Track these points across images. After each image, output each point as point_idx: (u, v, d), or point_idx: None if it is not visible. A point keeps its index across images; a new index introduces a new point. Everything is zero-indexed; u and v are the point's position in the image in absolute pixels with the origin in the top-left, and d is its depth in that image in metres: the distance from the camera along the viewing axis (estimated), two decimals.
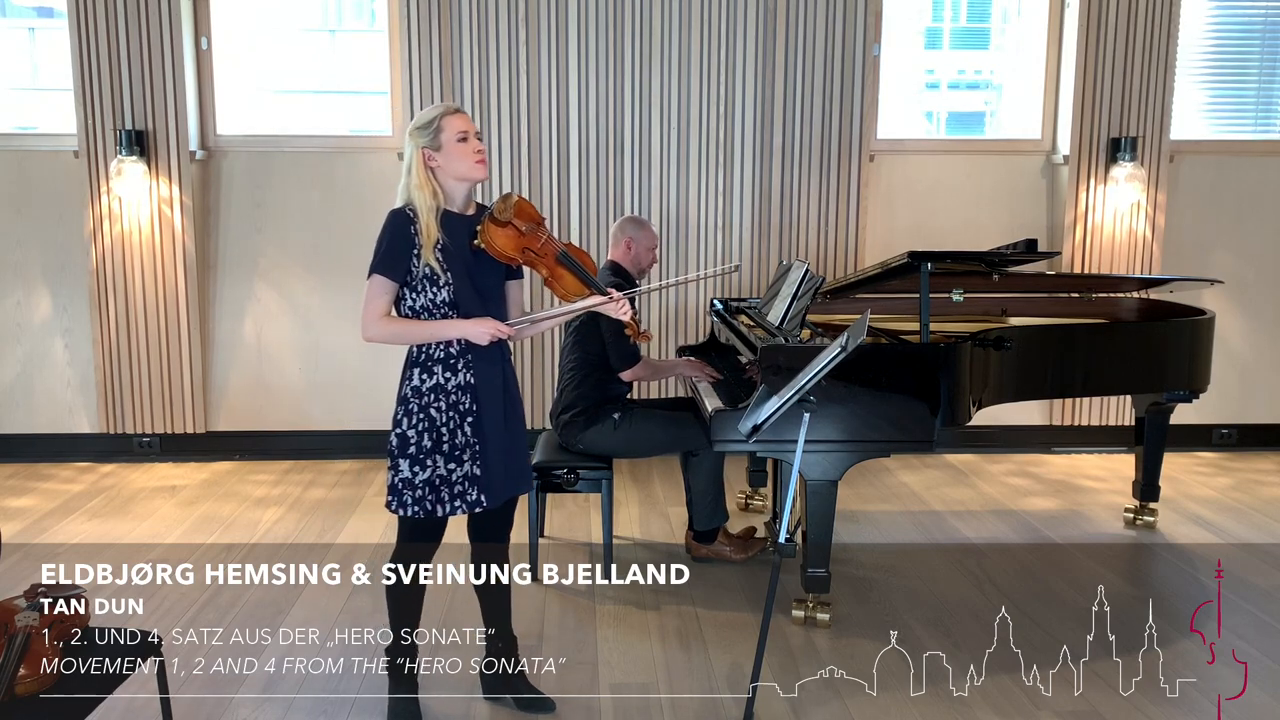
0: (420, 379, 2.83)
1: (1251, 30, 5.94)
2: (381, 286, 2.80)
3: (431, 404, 2.82)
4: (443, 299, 2.80)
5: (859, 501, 5.02)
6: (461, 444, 2.83)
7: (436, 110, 2.81)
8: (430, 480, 2.81)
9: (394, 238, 2.79)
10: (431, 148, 2.79)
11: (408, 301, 2.82)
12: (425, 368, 2.83)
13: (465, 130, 2.79)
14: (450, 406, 2.82)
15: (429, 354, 2.84)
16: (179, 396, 5.66)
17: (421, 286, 2.80)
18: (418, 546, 2.86)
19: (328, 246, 5.72)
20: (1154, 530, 4.67)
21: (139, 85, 5.42)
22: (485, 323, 2.79)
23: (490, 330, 2.79)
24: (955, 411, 3.61)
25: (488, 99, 5.53)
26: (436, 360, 2.83)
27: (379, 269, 2.80)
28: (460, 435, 2.83)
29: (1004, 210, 5.91)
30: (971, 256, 4.11)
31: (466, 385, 2.83)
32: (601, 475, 3.98)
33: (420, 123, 2.81)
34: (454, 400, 2.83)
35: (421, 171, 2.80)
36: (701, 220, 5.71)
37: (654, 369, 4.27)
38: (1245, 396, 6.07)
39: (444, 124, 2.78)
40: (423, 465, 2.81)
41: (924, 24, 6.05)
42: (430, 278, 2.79)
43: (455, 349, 2.83)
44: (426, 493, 2.81)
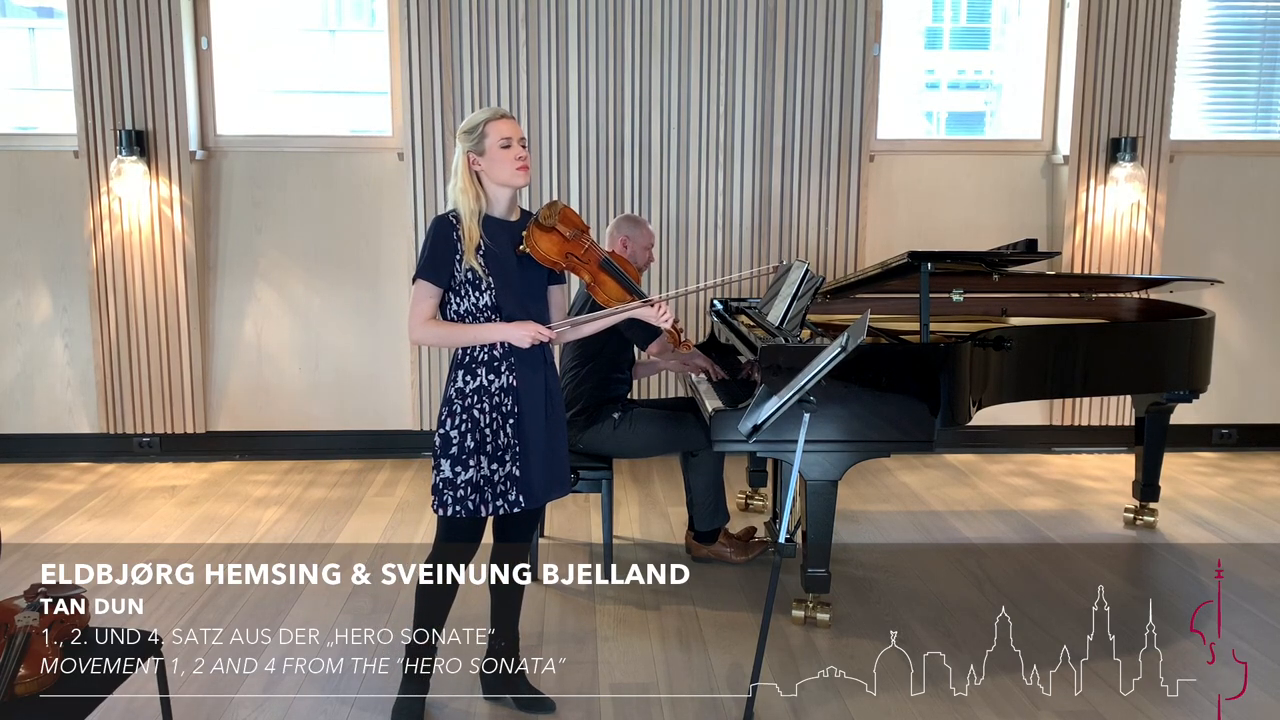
0: (464, 381, 2.87)
1: (1251, 30, 5.94)
2: (425, 291, 2.85)
3: (475, 405, 2.85)
4: (485, 302, 2.84)
5: (859, 501, 5.02)
6: (504, 445, 2.87)
7: (483, 115, 2.84)
8: (473, 480, 2.84)
9: (436, 243, 2.84)
10: (476, 152, 2.83)
11: (452, 305, 2.87)
12: (469, 370, 2.87)
13: (509, 136, 2.82)
14: (493, 408, 2.86)
15: (473, 356, 2.87)
16: (179, 396, 5.66)
17: (464, 291, 2.84)
18: (456, 547, 2.88)
19: (328, 246, 5.72)
20: (1154, 530, 4.67)
21: (139, 85, 5.42)
22: (527, 326, 2.83)
23: (532, 333, 2.82)
24: (955, 411, 3.61)
25: (488, 99, 5.53)
26: (480, 363, 2.86)
27: (422, 274, 2.85)
28: (503, 436, 2.86)
29: (1004, 210, 5.91)
30: (971, 256, 4.11)
31: (509, 387, 2.87)
32: (601, 475, 3.98)
33: (467, 126, 2.84)
34: (497, 402, 2.86)
35: (466, 175, 2.84)
36: (701, 220, 5.71)
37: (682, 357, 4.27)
38: (1245, 396, 6.07)
39: (488, 129, 2.81)
40: (465, 465, 2.84)
41: (924, 24, 6.05)
42: (473, 282, 2.83)
43: (499, 352, 2.86)
44: (468, 492, 2.84)
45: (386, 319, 5.78)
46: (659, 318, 2.91)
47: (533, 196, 5.62)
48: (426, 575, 2.82)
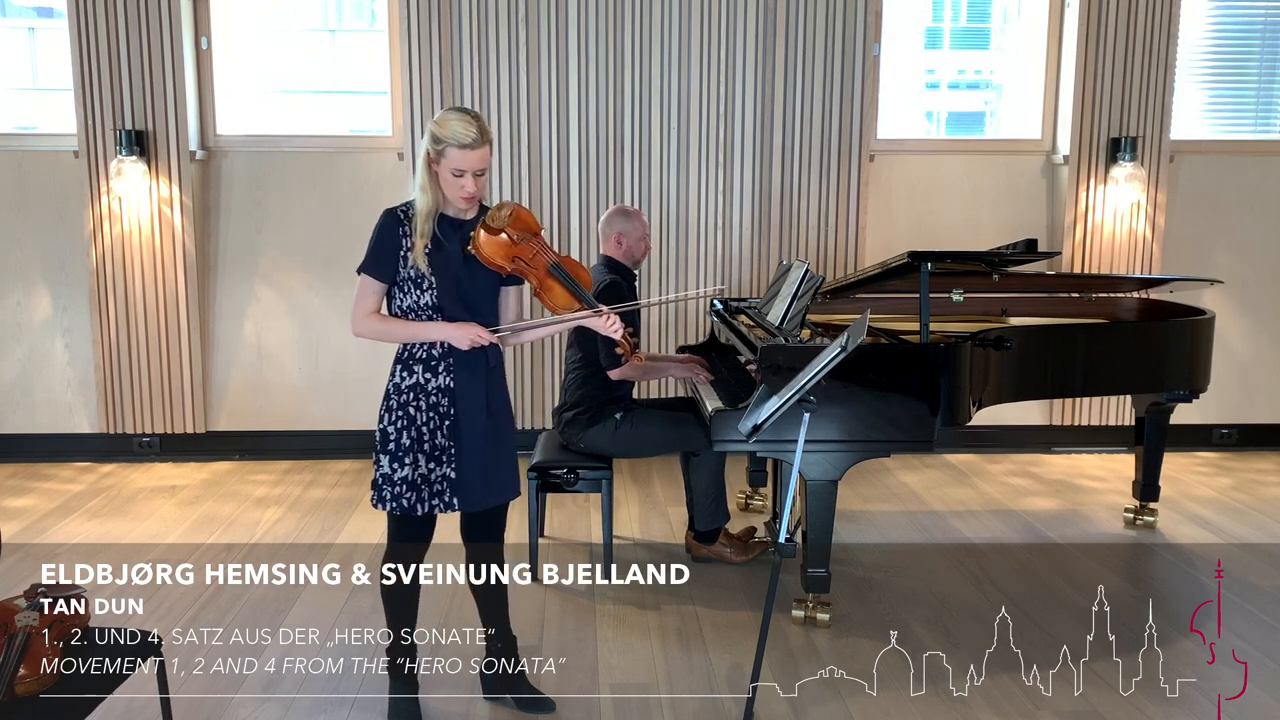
0: (401, 376, 2.86)
1: (1251, 30, 5.94)
2: (368, 286, 2.84)
3: (410, 402, 2.84)
4: (426, 302, 2.81)
5: (859, 501, 5.02)
6: (441, 446, 2.85)
7: (453, 134, 2.72)
8: (409, 478, 2.83)
9: (381, 237, 2.81)
10: (434, 159, 2.78)
11: (396, 301, 2.85)
12: (407, 366, 2.85)
13: (462, 169, 2.73)
14: (430, 407, 2.84)
15: (412, 353, 2.86)
16: (179, 396, 5.66)
17: (407, 288, 2.82)
18: (408, 546, 2.86)
19: (328, 246, 5.72)
20: (1154, 530, 4.67)
21: (139, 85, 5.42)
22: (467, 328, 2.80)
23: (471, 336, 2.79)
24: (955, 411, 3.61)
25: (488, 99, 5.53)
26: (418, 360, 2.85)
27: (366, 268, 2.83)
28: (439, 437, 2.85)
29: (1004, 210, 5.91)
30: (971, 256, 4.11)
31: (446, 388, 2.84)
32: (601, 475, 3.98)
33: (435, 132, 2.75)
34: (433, 401, 2.84)
35: (425, 174, 2.80)
36: (701, 220, 5.71)
37: (644, 368, 4.23)
38: (1245, 396, 6.07)
39: (448, 153, 2.73)
40: (401, 463, 2.83)
41: (924, 24, 6.05)
42: (415, 280, 2.80)
43: (438, 351, 2.84)
44: (404, 490, 2.83)
45: None
46: (607, 327, 2.87)
47: (533, 197, 5.62)
48: (386, 577, 2.81)
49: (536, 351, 5.77)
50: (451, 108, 2.83)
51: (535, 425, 5.75)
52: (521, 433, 5.73)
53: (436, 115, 2.80)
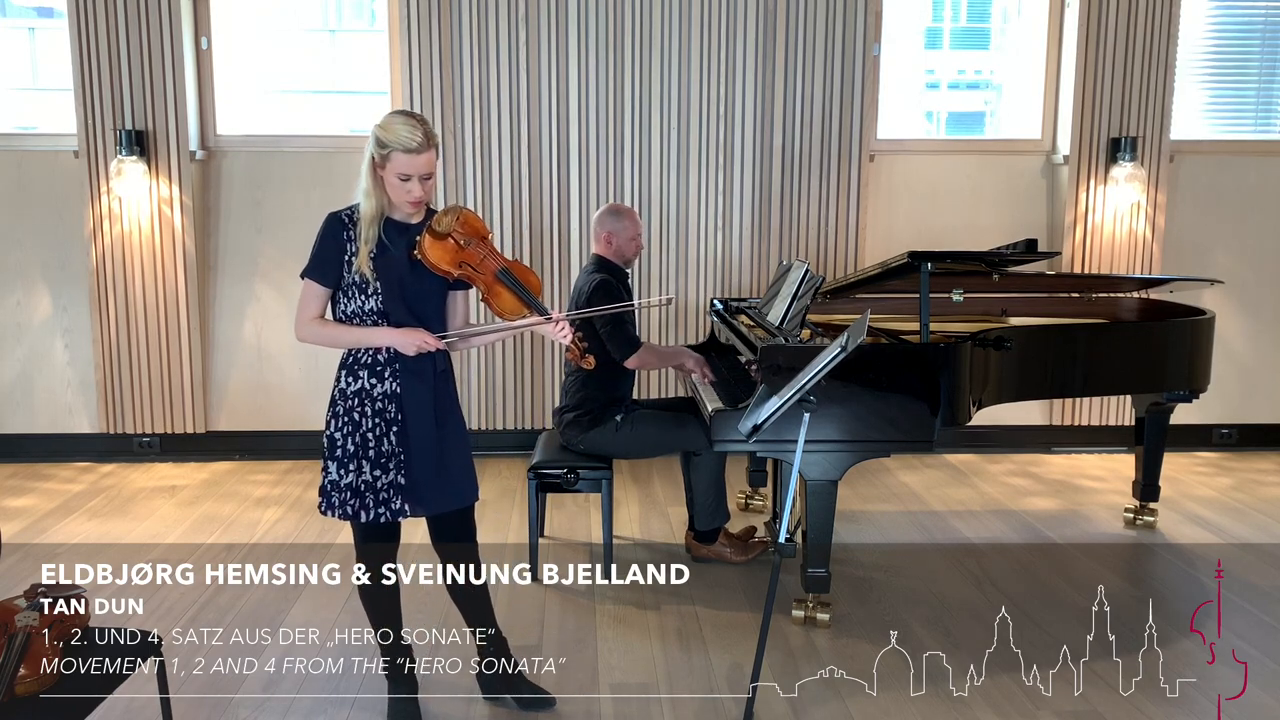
0: (346, 382, 2.83)
1: (1251, 30, 5.94)
2: (312, 290, 2.81)
3: (355, 408, 2.81)
4: (371, 307, 2.79)
5: (859, 501, 5.02)
6: (387, 452, 2.81)
7: (398, 138, 2.68)
8: (354, 485, 2.80)
9: (325, 242, 2.79)
10: (379, 164, 2.74)
11: (340, 306, 2.82)
12: (352, 371, 2.83)
13: (409, 173, 2.70)
14: (376, 413, 2.81)
15: (356, 359, 2.83)
16: (179, 396, 5.66)
17: (351, 293, 2.80)
18: (374, 548, 2.84)
19: None
20: (1154, 530, 4.67)
21: (139, 85, 5.42)
22: (414, 333, 2.77)
23: (417, 341, 2.77)
24: (955, 411, 3.61)
25: (488, 99, 5.53)
26: (363, 365, 2.82)
27: (309, 273, 2.81)
28: (386, 443, 2.82)
29: (1004, 210, 5.91)
30: (971, 256, 4.11)
31: (392, 394, 2.82)
32: (601, 475, 3.98)
33: (380, 136, 2.71)
34: (379, 407, 2.81)
35: (370, 177, 2.76)
36: (701, 220, 5.71)
37: (658, 355, 4.27)
38: (1245, 396, 6.06)
39: (394, 157, 2.69)
40: (346, 469, 2.80)
41: (924, 24, 6.05)
42: (359, 285, 2.78)
43: (383, 356, 2.81)
44: (349, 496, 2.80)
45: None
46: (556, 333, 2.84)
47: (533, 197, 5.62)
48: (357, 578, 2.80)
49: (536, 351, 5.77)
50: (396, 111, 2.79)
51: (535, 425, 5.74)
52: (522, 433, 5.73)
53: (380, 119, 2.75)
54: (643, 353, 4.02)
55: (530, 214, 5.63)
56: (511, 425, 5.75)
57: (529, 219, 5.63)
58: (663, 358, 4.31)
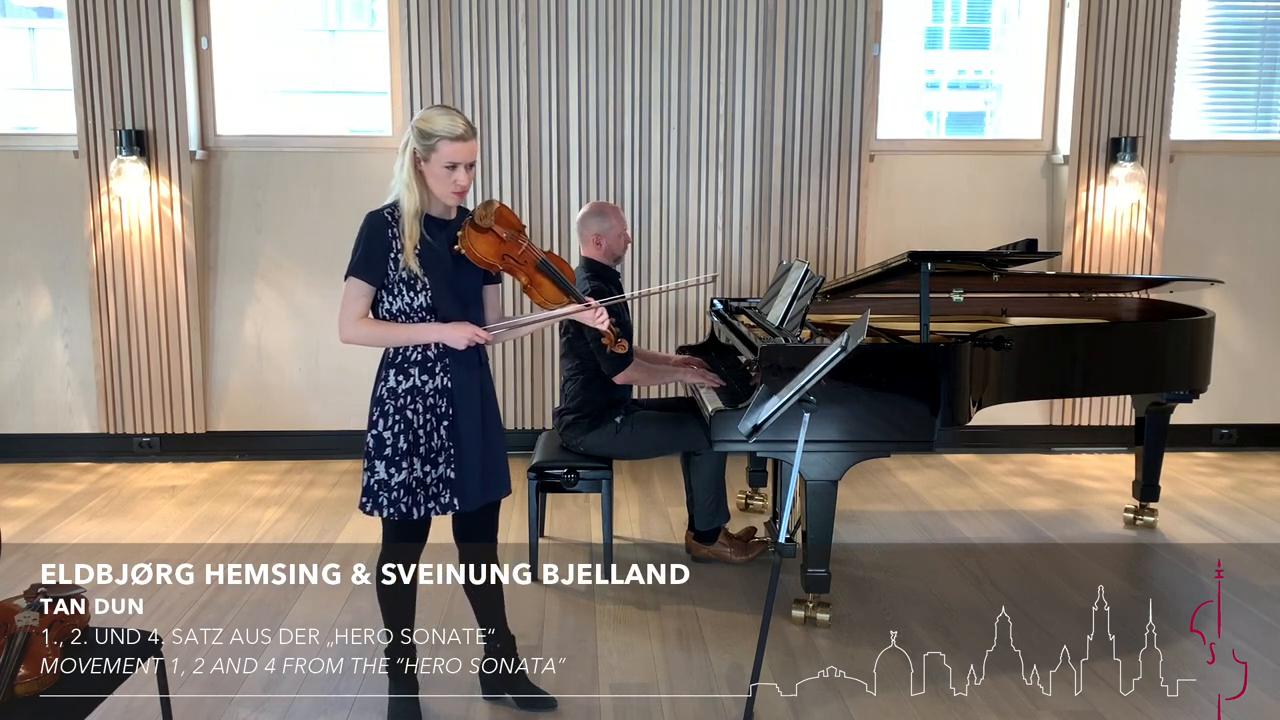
0: (396, 380, 2.84)
1: (1251, 30, 5.94)
2: (358, 289, 2.82)
3: (408, 406, 2.82)
4: (420, 303, 2.81)
5: (859, 501, 5.02)
6: (437, 447, 2.84)
7: (442, 127, 2.76)
8: (405, 482, 2.81)
9: (370, 240, 2.80)
10: (422, 157, 2.79)
11: (385, 304, 2.83)
12: (402, 370, 2.84)
13: (456, 162, 2.76)
14: (427, 409, 2.83)
15: (406, 356, 2.84)
16: (179, 396, 5.66)
17: (398, 290, 2.81)
18: (404, 547, 2.85)
19: (328, 246, 5.71)
20: (1154, 530, 4.67)
21: (139, 85, 5.42)
22: (463, 327, 2.80)
23: (468, 335, 2.79)
24: (955, 411, 3.61)
25: (488, 99, 5.53)
26: (414, 363, 2.84)
27: (355, 272, 2.82)
28: (436, 438, 2.84)
29: (1004, 210, 5.91)
30: (971, 256, 4.11)
31: (444, 389, 2.84)
32: (601, 475, 3.98)
33: (424, 128, 2.78)
34: (431, 403, 2.83)
35: (411, 173, 2.79)
36: (701, 220, 5.71)
37: (648, 372, 4.16)
38: (1245, 396, 6.06)
39: (440, 146, 2.75)
40: (398, 467, 2.81)
41: (924, 24, 6.05)
42: (408, 282, 2.79)
43: (433, 352, 2.84)
44: (401, 494, 2.81)
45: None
46: (595, 320, 2.89)
47: (533, 197, 5.62)
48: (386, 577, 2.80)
49: (536, 352, 5.77)
50: (431, 106, 2.84)
51: (535, 425, 5.75)
52: (521, 433, 5.73)
53: (417, 115, 2.80)
54: (631, 370, 3.99)
55: (530, 214, 5.63)
56: (511, 425, 5.75)
57: (529, 218, 5.63)
58: (652, 375, 4.17)
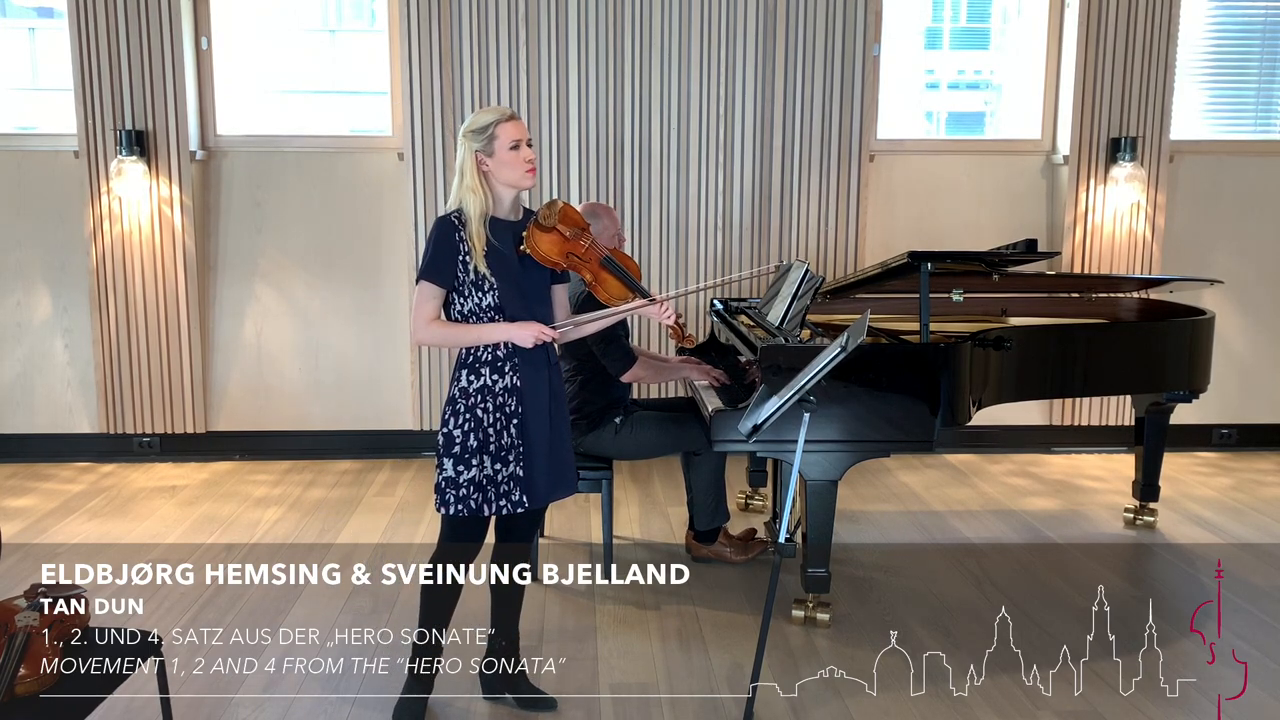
0: (468, 380, 2.88)
1: (1251, 30, 5.94)
2: (429, 292, 2.86)
3: (478, 405, 2.86)
4: (489, 303, 2.85)
5: (859, 501, 5.02)
6: (507, 445, 2.87)
7: (491, 115, 2.84)
8: (476, 480, 2.85)
9: (439, 244, 2.85)
10: (485, 153, 2.84)
11: (456, 306, 2.88)
12: (473, 369, 2.88)
13: (518, 139, 2.83)
14: (497, 408, 2.87)
15: (476, 356, 2.88)
16: (179, 396, 5.66)
17: (468, 291, 2.86)
18: (460, 546, 2.89)
19: (328, 246, 5.72)
20: (1154, 530, 4.67)
21: (139, 85, 5.42)
22: (530, 326, 2.84)
23: (535, 333, 2.84)
24: (955, 411, 3.61)
25: (488, 99, 5.53)
26: (484, 363, 2.87)
27: (426, 275, 2.86)
28: (506, 436, 2.87)
29: (1004, 210, 5.91)
30: (971, 256, 4.11)
31: (513, 388, 2.87)
32: (601, 475, 3.98)
33: (475, 126, 2.84)
34: (500, 402, 2.87)
35: (475, 176, 2.84)
36: (701, 220, 5.71)
37: (654, 370, 4.20)
38: (1245, 396, 6.07)
39: (498, 131, 2.82)
40: (467, 465, 2.85)
41: (924, 24, 6.05)
42: (477, 283, 2.84)
43: (502, 352, 2.87)
44: (471, 491, 2.85)
45: (386, 319, 5.78)
46: (661, 314, 2.93)
47: (534, 196, 5.62)
48: (427, 575, 2.82)
49: None
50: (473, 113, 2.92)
51: None
52: None
53: (463, 124, 2.89)
54: (637, 367, 4.01)
55: None
56: None
57: None
58: (659, 372, 4.21)
